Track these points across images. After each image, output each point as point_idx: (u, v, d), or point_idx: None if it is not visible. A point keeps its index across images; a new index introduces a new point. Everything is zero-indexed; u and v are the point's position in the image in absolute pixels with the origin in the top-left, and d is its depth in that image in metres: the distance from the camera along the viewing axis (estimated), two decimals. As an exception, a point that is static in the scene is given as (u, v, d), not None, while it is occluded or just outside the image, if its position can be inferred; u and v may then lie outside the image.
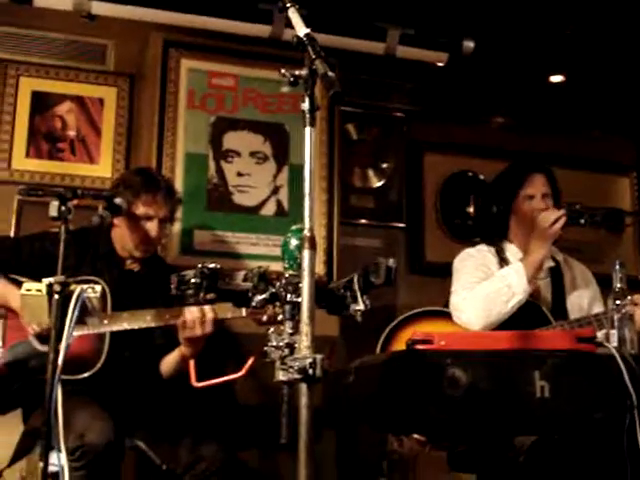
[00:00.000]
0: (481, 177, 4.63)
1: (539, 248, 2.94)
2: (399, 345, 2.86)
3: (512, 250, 3.14)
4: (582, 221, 2.95)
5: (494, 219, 3.20)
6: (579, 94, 4.67)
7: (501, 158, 4.48)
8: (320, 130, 4.02)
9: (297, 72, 1.81)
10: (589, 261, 3.43)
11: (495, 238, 3.19)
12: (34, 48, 3.94)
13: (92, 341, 2.84)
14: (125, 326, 2.82)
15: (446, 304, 3.08)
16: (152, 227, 3.06)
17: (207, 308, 2.77)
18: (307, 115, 1.80)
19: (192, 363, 2.56)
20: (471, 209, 4.62)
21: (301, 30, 1.87)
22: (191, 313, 2.76)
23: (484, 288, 2.93)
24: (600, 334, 2.74)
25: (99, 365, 2.81)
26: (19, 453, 2.89)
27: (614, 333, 2.35)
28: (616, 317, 2.37)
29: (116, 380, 2.90)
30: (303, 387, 1.71)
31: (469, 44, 4.11)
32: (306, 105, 1.80)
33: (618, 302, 2.39)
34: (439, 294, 3.21)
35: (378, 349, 2.92)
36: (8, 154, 3.81)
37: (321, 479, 3.38)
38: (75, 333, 2.40)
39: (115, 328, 2.82)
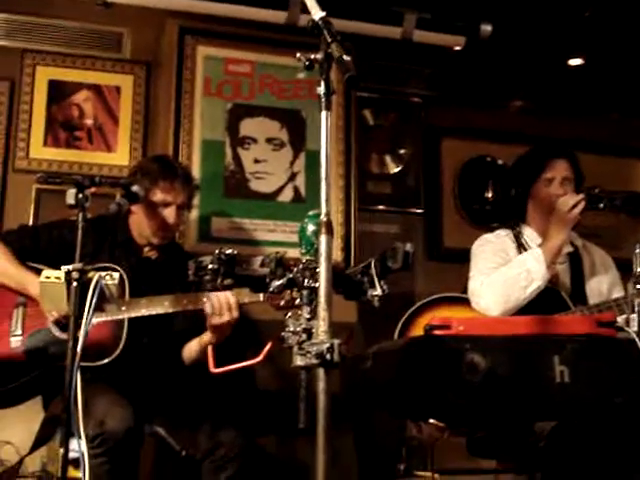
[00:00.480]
0: (499, 162, 4.60)
1: (558, 233, 2.91)
2: (417, 331, 2.85)
3: (530, 234, 3.11)
4: (601, 205, 2.92)
5: (513, 202, 3.18)
6: (598, 77, 4.62)
7: (520, 143, 4.45)
8: (337, 116, 4.01)
9: (312, 56, 1.80)
10: (608, 246, 3.40)
11: (513, 221, 3.17)
12: (50, 37, 3.96)
13: (111, 328, 2.85)
14: (143, 312, 2.83)
15: (464, 290, 3.06)
16: (170, 214, 3.07)
17: (229, 293, 2.76)
18: (323, 99, 1.79)
19: (210, 349, 2.56)
20: (489, 194, 4.60)
21: (316, 14, 1.85)
22: (217, 298, 2.75)
23: (503, 274, 2.91)
24: (620, 319, 2.72)
25: (118, 352, 2.82)
26: (40, 440, 2.91)
27: (635, 317, 2.32)
28: (637, 301, 2.34)
29: (135, 367, 2.91)
30: (321, 372, 1.70)
31: (487, 27, 4.07)
32: (322, 89, 1.79)
33: (639, 286, 2.36)
34: (457, 280, 3.19)
35: (396, 335, 2.92)
36: (26, 143, 3.83)
37: (340, 465, 3.39)
38: (94, 320, 2.41)
39: (133, 314, 2.83)
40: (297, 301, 1.94)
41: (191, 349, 3.00)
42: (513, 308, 2.87)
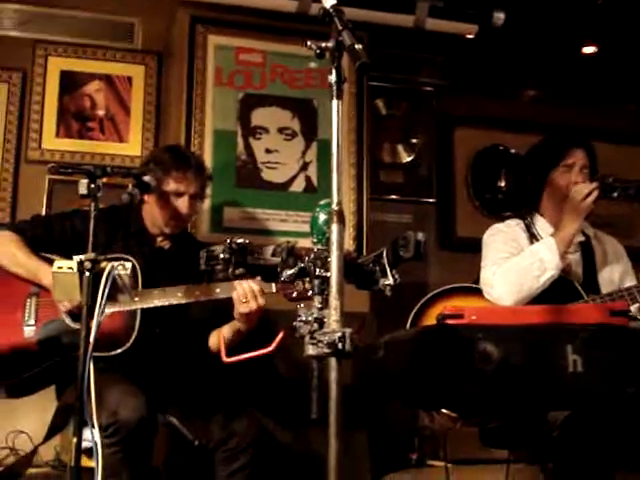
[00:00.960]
0: (512, 151, 4.59)
1: (572, 222, 2.90)
2: (429, 321, 2.84)
3: (542, 224, 3.10)
4: (615, 194, 2.89)
5: (527, 190, 3.16)
6: (612, 66, 4.59)
7: (533, 132, 4.43)
8: (349, 105, 4.00)
9: (324, 44, 1.79)
10: (621, 235, 3.38)
11: (525, 210, 3.15)
12: (62, 27, 3.97)
13: (123, 318, 2.86)
14: (156, 303, 2.83)
15: (477, 280, 3.05)
16: (183, 204, 3.07)
17: (252, 281, 2.74)
18: (334, 88, 1.79)
19: (222, 339, 2.56)
20: (502, 183, 4.59)
21: (328, 2, 1.85)
22: (242, 286, 2.74)
23: (515, 263, 2.90)
24: (633, 308, 2.71)
25: (131, 342, 2.82)
26: (53, 429, 2.92)
27: (647, 307, 2.31)
28: (650, 291, 2.33)
29: (148, 357, 2.92)
30: (333, 361, 1.70)
31: (499, 15, 4.04)
32: (333, 77, 1.79)
33: (651, 276, 2.35)
34: (470, 270, 3.18)
35: (408, 325, 2.91)
36: (38, 134, 3.85)
37: (352, 455, 3.40)
38: (107, 310, 2.41)
39: (146, 305, 2.83)
40: (309, 293, 1.94)
41: (215, 338, 3.00)
42: (526, 298, 2.85)
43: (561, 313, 2.14)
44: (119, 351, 2.81)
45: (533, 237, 3.05)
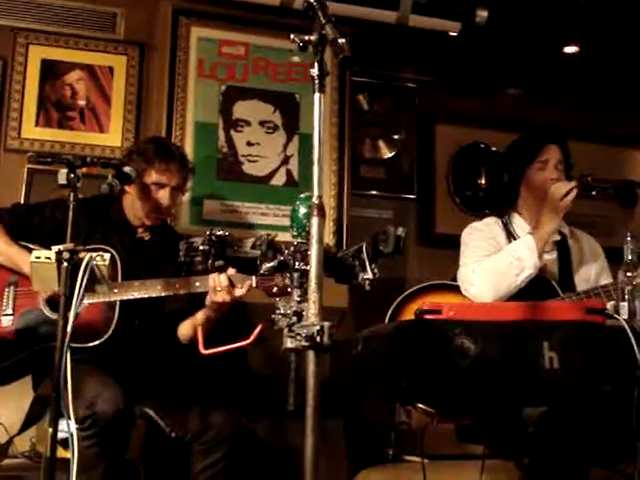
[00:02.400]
0: (493, 149, 4.60)
1: (550, 221, 2.91)
2: (408, 317, 2.85)
3: (519, 222, 3.11)
4: (594, 193, 2.91)
5: (505, 188, 3.17)
6: (594, 66, 4.61)
7: (514, 130, 4.42)
8: (331, 100, 4.01)
9: (307, 37, 1.79)
10: (601, 235, 3.40)
11: (504, 208, 3.17)
12: (44, 16, 3.93)
13: (102, 309, 2.85)
14: (135, 295, 2.83)
15: (454, 278, 3.06)
16: (164, 195, 3.06)
17: (230, 274, 2.75)
18: (316, 81, 1.79)
19: (200, 330, 2.56)
20: (482, 181, 4.60)
21: (311, -5, 1.85)
22: (219, 277, 2.74)
23: (494, 261, 2.91)
24: (609, 305, 2.72)
25: (109, 333, 2.82)
26: (29, 420, 2.91)
27: (624, 305, 2.33)
28: (627, 289, 2.35)
29: (126, 348, 2.91)
30: (311, 354, 1.70)
31: (482, 13, 4.06)
32: (315, 71, 1.79)
33: (629, 274, 2.37)
34: (449, 266, 3.19)
35: (386, 321, 2.92)
36: (18, 123, 3.81)
37: (329, 448, 3.40)
38: (86, 301, 2.40)
39: (125, 297, 2.82)
40: (289, 288, 1.94)
41: (187, 327, 3.00)
42: (504, 296, 2.87)
43: (538, 310, 2.15)
44: (97, 342, 2.80)
45: (511, 235, 3.07)
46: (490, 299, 2.86)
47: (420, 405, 2.48)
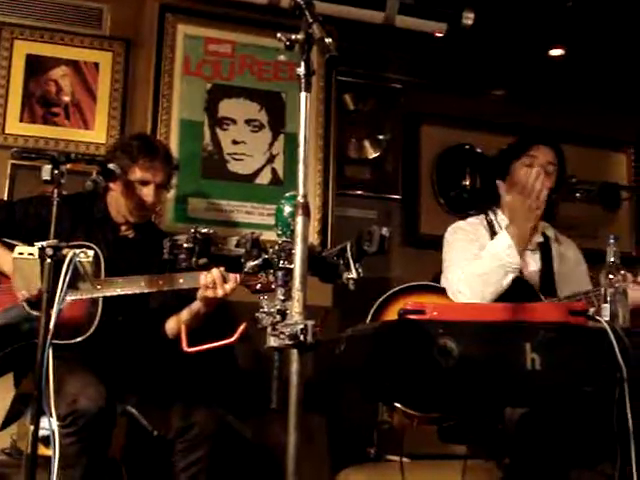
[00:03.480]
0: (478, 150, 4.62)
1: (525, 221, 2.90)
2: (390, 317, 2.85)
3: (503, 219, 3.10)
4: (578, 195, 2.92)
5: (490, 184, 3.16)
6: (578, 68, 4.64)
7: (499, 132, 4.49)
8: (317, 100, 4.00)
9: (293, 36, 1.80)
10: (585, 237, 3.42)
11: (487, 205, 3.16)
12: (29, 11, 3.91)
13: (85, 306, 2.84)
14: (118, 292, 2.82)
15: (436, 278, 3.06)
16: (148, 192, 3.05)
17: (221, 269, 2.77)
18: (303, 80, 1.79)
19: (184, 328, 2.55)
20: (467, 182, 4.62)
21: (299, -6, 1.85)
22: (211, 273, 2.76)
23: (478, 268, 2.88)
24: (591, 311, 2.73)
25: (92, 330, 2.81)
26: (10, 418, 2.89)
27: (606, 307, 2.34)
28: (609, 291, 2.36)
29: (109, 345, 2.90)
30: (294, 353, 1.71)
31: (469, 15, 4.07)
32: (302, 70, 1.79)
33: (611, 276, 2.38)
34: (433, 266, 3.19)
35: (368, 320, 2.92)
36: (2, 118, 3.79)
37: (312, 447, 3.40)
38: (68, 298, 2.40)
39: (109, 293, 2.82)
40: (273, 285, 1.94)
41: (172, 324, 3.00)
42: (490, 300, 2.86)
43: (521, 311, 2.16)
44: (80, 339, 2.79)
45: (495, 235, 3.06)
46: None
47: (401, 407, 2.49)
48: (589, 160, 4.61)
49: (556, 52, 4.60)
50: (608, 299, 2.35)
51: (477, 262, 2.91)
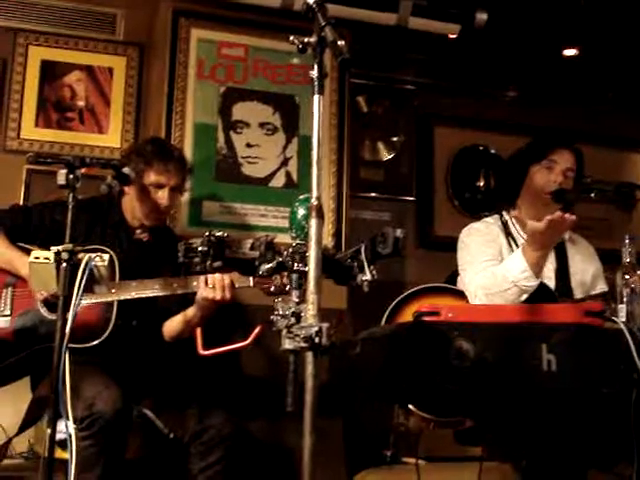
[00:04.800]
0: (492, 151, 4.61)
1: (543, 248, 2.68)
2: (404, 319, 2.84)
3: (518, 222, 3.08)
4: (593, 195, 2.90)
5: (507, 185, 3.14)
6: (593, 68, 4.62)
7: (513, 132, 4.48)
8: (330, 102, 4.00)
9: (306, 39, 1.80)
10: (600, 237, 3.40)
11: (502, 206, 3.13)
12: (43, 17, 3.94)
13: (100, 310, 2.85)
14: (134, 295, 2.83)
15: (449, 280, 3.05)
16: (163, 196, 3.06)
17: (225, 274, 2.79)
18: (316, 83, 1.79)
19: (199, 331, 2.57)
20: (481, 183, 4.61)
21: (311, -3, 1.85)
22: (213, 275, 2.78)
23: (496, 287, 2.74)
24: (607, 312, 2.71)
25: (107, 333, 2.82)
26: (28, 421, 2.91)
27: (622, 307, 2.33)
28: (625, 291, 2.35)
29: (124, 348, 2.91)
30: (309, 355, 1.71)
31: (482, 16, 4.06)
32: (315, 72, 1.80)
33: (627, 277, 2.36)
34: (447, 269, 3.18)
35: (383, 322, 2.91)
36: (17, 123, 3.82)
37: (327, 450, 3.40)
38: (84, 302, 2.40)
39: (123, 297, 2.83)
40: (287, 287, 1.94)
41: (172, 325, 3.01)
42: None
43: (537, 312, 2.15)
44: (95, 343, 2.80)
45: (510, 235, 3.03)
46: None
47: (417, 410, 2.48)
48: (604, 160, 4.59)
49: (570, 52, 4.58)
50: (624, 299, 2.34)
51: (492, 279, 2.78)
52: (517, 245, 2.97)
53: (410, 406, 2.49)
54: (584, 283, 3.05)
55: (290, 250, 1.92)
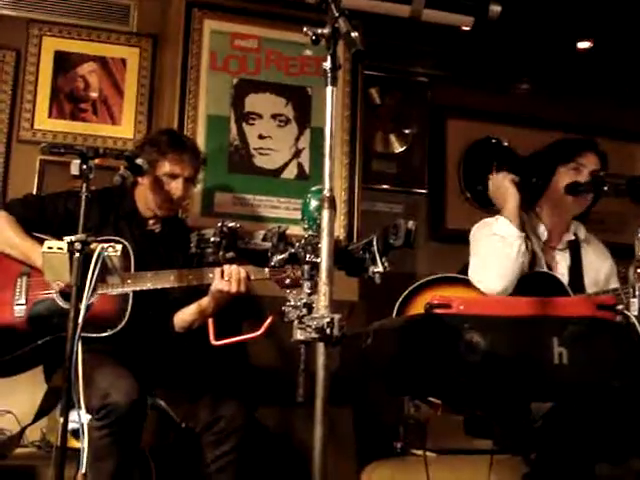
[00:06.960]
0: (505, 144, 4.59)
1: (506, 200, 3.00)
2: (415, 311, 2.85)
3: (535, 223, 3.07)
4: (606, 189, 2.90)
5: (530, 185, 3.14)
6: (606, 61, 4.59)
7: (526, 125, 4.47)
8: (343, 94, 4.00)
9: (319, 30, 1.80)
10: (612, 231, 3.39)
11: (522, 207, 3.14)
12: (57, 8, 3.95)
13: (116, 300, 2.87)
14: (149, 286, 2.85)
15: (460, 270, 3.05)
16: (177, 186, 3.07)
17: (241, 267, 2.80)
18: (329, 74, 1.79)
19: (211, 321, 2.57)
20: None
21: (325, -12, 1.85)
22: (229, 267, 2.79)
23: (486, 251, 2.90)
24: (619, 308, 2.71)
25: (123, 323, 2.83)
26: (42, 411, 2.93)
27: (635, 301, 2.32)
28: (637, 285, 2.34)
29: (139, 339, 2.93)
30: (320, 346, 1.71)
31: (495, 8, 4.03)
32: (328, 64, 1.80)
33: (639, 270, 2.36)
34: (459, 261, 3.18)
35: (394, 314, 2.91)
36: (31, 114, 3.83)
37: (338, 440, 3.41)
38: (99, 292, 2.41)
39: (138, 288, 2.84)
40: (301, 280, 1.95)
41: (185, 314, 3.02)
42: (512, 278, 2.83)
43: (548, 305, 2.15)
44: (111, 333, 2.82)
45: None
46: (500, 286, 2.83)
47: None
48: (617, 153, 4.55)
49: (584, 45, 4.55)
50: (637, 293, 2.34)
51: (483, 248, 2.94)
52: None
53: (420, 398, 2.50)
54: (597, 282, 3.06)
55: (302, 241, 1.92)
